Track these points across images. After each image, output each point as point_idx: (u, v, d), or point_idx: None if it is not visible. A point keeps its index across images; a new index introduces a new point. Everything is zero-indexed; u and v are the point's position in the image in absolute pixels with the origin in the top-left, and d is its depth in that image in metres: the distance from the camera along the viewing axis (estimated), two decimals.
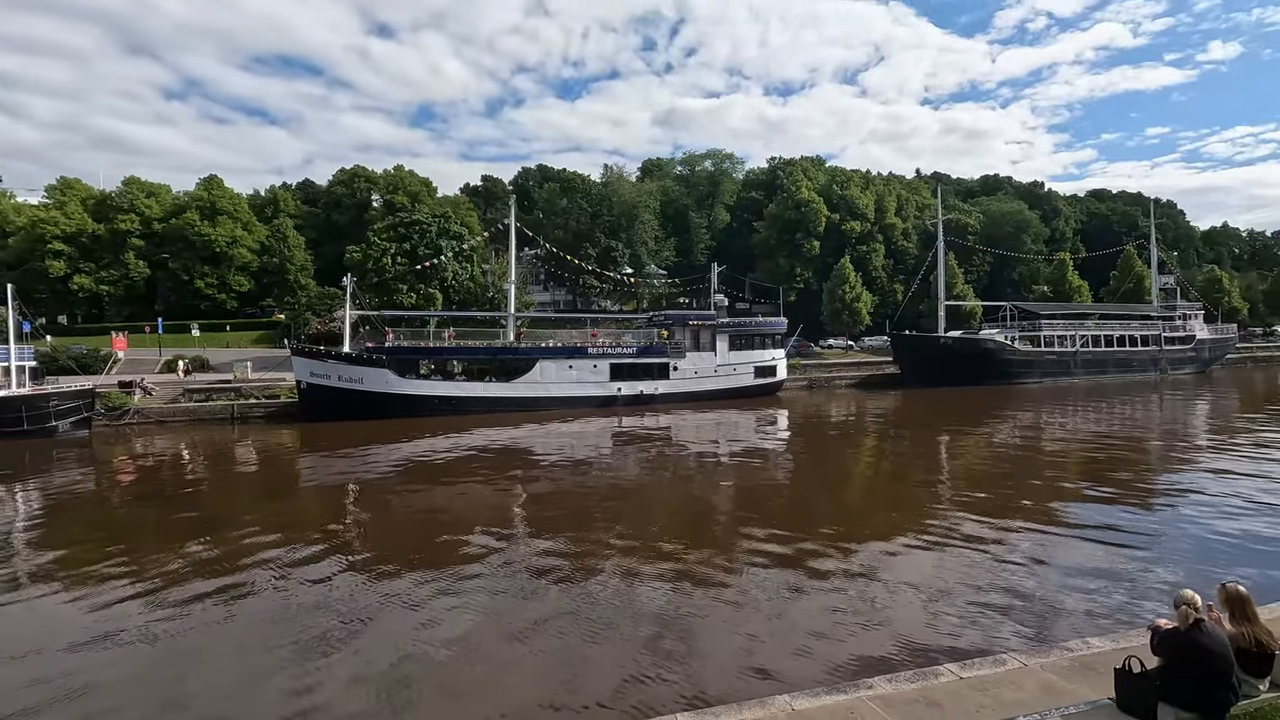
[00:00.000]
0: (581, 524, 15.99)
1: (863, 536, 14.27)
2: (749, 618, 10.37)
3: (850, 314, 66.62)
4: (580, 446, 27.86)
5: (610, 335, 45.65)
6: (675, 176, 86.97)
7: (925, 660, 8.37)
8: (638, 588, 11.64)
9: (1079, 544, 13.59)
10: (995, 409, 38.75)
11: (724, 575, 12.18)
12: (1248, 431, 28.65)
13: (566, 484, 20.96)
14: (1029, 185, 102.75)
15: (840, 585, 11.57)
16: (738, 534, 14.95)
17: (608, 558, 13.22)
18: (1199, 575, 11.25)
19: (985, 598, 10.89)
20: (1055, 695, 6.49)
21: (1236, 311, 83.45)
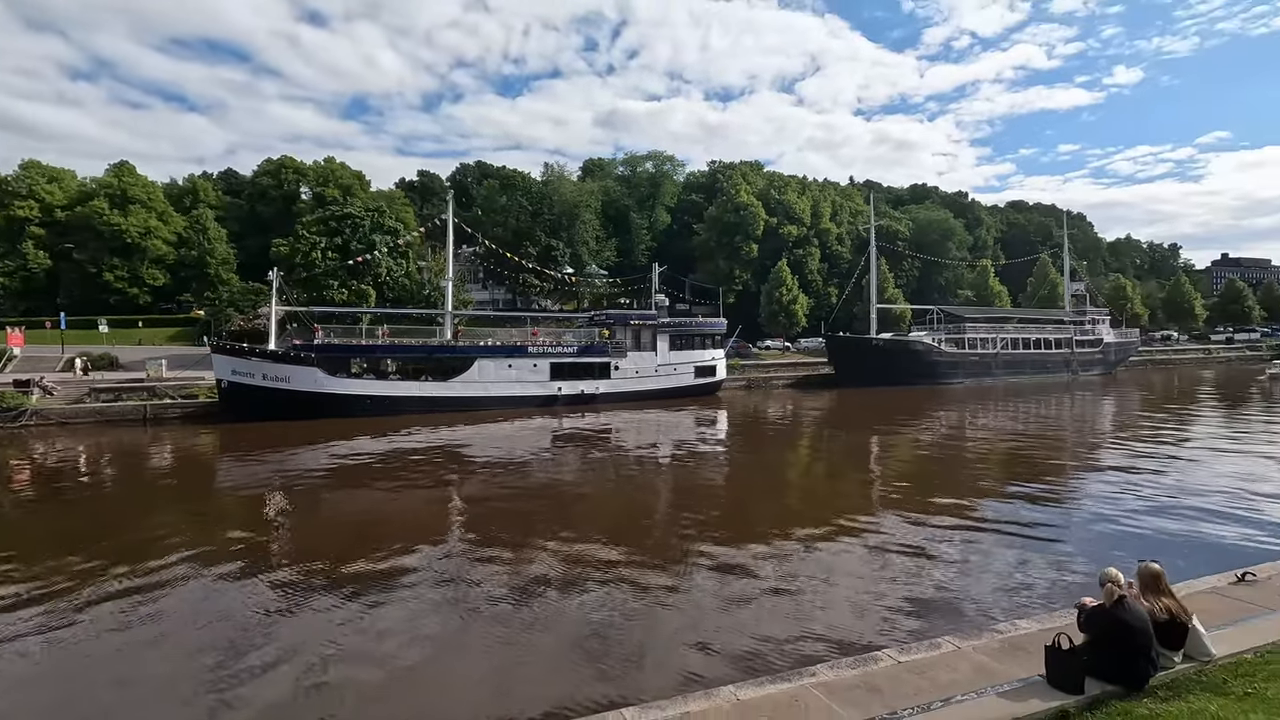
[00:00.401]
0: (520, 526, 15.66)
1: (799, 533, 14.48)
2: (691, 614, 10.35)
3: (787, 316, 68.12)
4: (519, 447, 27.39)
5: (551, 334, 45.20)
6: (616, 177, 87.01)
7: (864, 647, 8.52)
8: (578, 588, 11.45)
9: (1003, 535, 14.18)
10: (923, 408, 40.29)
11: (665, 573, 12.13)
12: (1149, 428, 30.72)
13: (505, 485, 20.53)
14: (954, 195, 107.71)
15: (779, 579, 11.69)
16: (678, 532, 14.95)
17: (546, 559, 12.96)
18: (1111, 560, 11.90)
19: (919, 586, 11.21)
20: (988, 675, 6.68)
21: (1138, 317, 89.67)
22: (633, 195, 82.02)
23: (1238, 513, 15.55)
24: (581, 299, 72.59)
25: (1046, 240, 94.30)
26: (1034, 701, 5.77)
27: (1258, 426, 31.04)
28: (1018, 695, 5.97)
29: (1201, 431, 29.53)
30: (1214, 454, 23.71)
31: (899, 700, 6.30)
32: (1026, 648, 7.28)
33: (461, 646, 9.30)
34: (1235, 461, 22.08)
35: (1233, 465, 21.40)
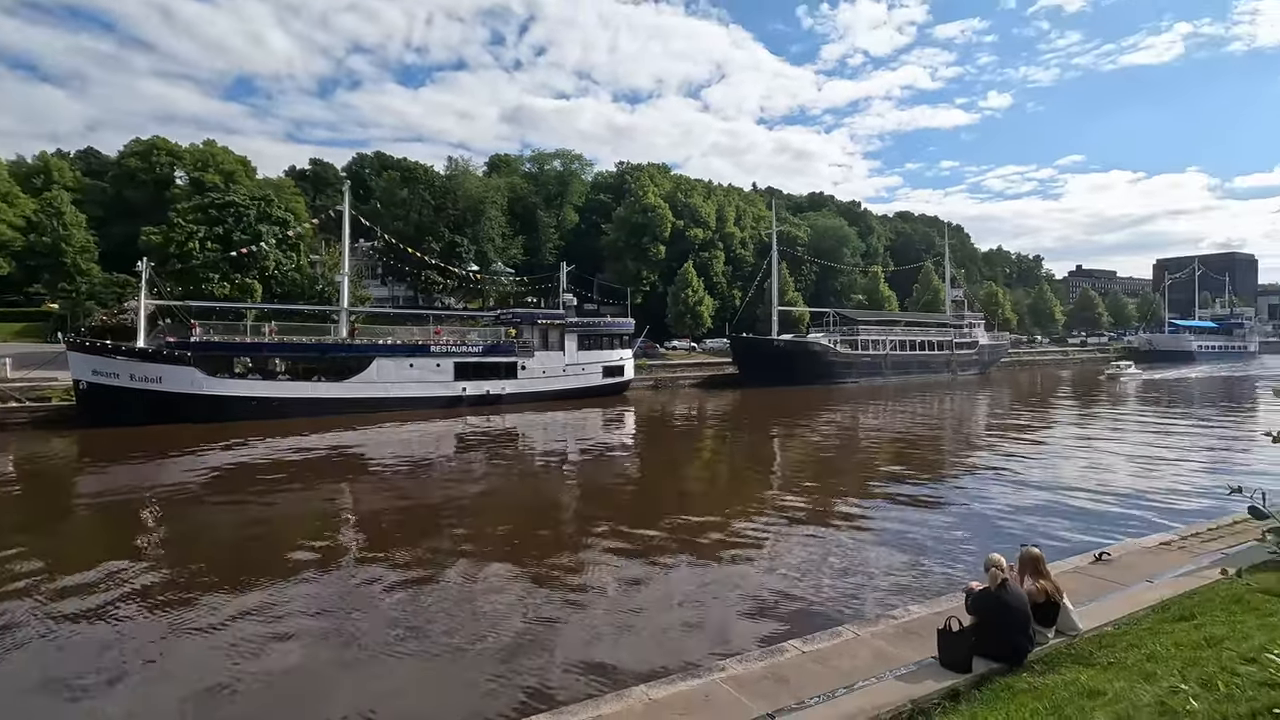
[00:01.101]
0: (422, 531, 15.04)
1: (705, 531, 14.70)
2: (599, 614, 10.27)
3: (693, 317, 69.43)
4: (421, 449, 26.37)
5: (455, 333, 43.82)
6: (524, 174, 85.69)
7: (770, 639, 8.73)
8: (483, 593, 11.12)
9: (895, 526, 15.02)
10: (821, 406, 42.17)
11: (572, 574, 12.00)
12: (1018, 424, 33.59)
13: (405, 489, 19.67)
14: (849, 204, 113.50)
15: (686, 577, 11.83)
16: (585, 532, 14.84)
17: (450, 564, 12.51)
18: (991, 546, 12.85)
19: (820, 577, 11.65)
20: (886, 660, 6.99)
21: (1008, 322, 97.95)
22: (540, 193, 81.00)
23: (1092, 499, 17.24)
24: (487, 297, 70.91)
25: (930, 249, 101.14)
26: (928, 683, 6.09)
27: (1105, 421, 34.63)
28: (913, 677, 6.28)
29: (1060, 426, 32.63)
30: (1071, 446, 26.24)
31: (805, 689, 6.48)
32: (919, 632, 7.69)
33: (355, 664, 8.76)
34: (1088, 453, 24.51)
35: (1086, 456, 23.74)
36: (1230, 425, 32.63)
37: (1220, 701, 3.65)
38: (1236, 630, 5.33)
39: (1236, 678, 3.96)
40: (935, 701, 5.78)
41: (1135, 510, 16.08)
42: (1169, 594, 7.97)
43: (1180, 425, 32.61)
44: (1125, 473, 20.82)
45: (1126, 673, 5.02)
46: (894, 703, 5.82)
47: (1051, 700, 4.84)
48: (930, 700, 5.80)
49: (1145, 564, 9.88)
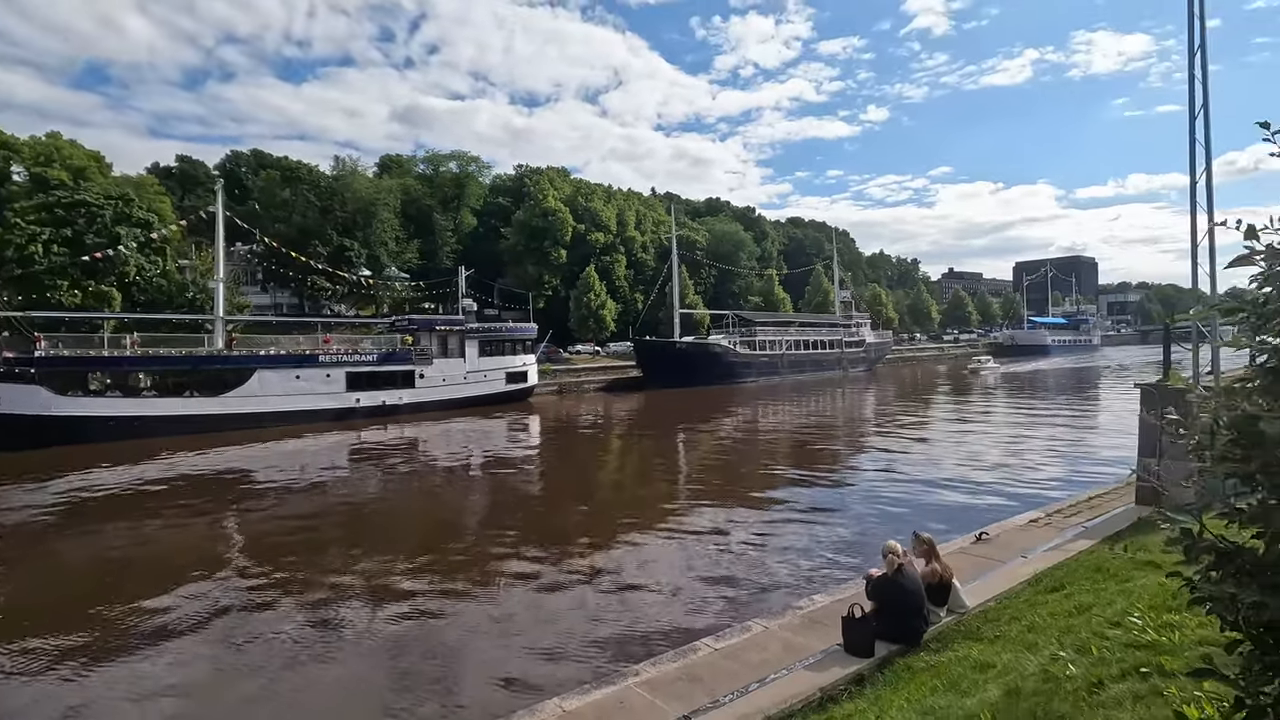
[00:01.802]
0: (314, 553, 14.08)
1: (612, 535, 14.65)
2: (507, 628, 9.97)
3: (596, 321, 69.39)
4: (310, 466, 24.74)
5: (346, 341, 41.52)
6: (417, 175, 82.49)
7: (683, 639, 8.77)
8: (383, 614, 10.53)
9: (796, 519, 15.58)
10: (722, 405, 43.25)
11: (478, 588, 11.60)
12: (902, 416, 35.86)
13: (294, 509, 18.36)
14: (744, 210, 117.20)
15: (595, 584, 11.72)
16: (489, 544, 14.38)
17: (349, 586, 11.77)
18: (885, 533, 13.59)
19: (727, 575, 11.87)
20: (794, 651, 7.17)
21: (891, 321, 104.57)
22: (436, 195, 78.26)
23: (970, 483, 18.64)
24: (381, 304, 67.72)
25: (820, 253, 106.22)
26: (835, 669, 6.30)
27: (977, 411, 37.63)
28: (821, 666, 6.48)
29: (939, 417, 35.14)
30: (948, 435, 28.32)
31: (719, 687, 6.53)
32: (824, 621, 7.95)
33: (257, 698, 8.03)
34: (964, 441, 26.53)
35: (963, 444, 25.68)
36: (1081, 410, 36.37)
37: (1094, 665, 3.96)
38: (1101, 597, 5.85)
39: (1106, 641, 4.33)
40: (842, 688, 5.98)
41: (1008, 491, 17.51)
42: (1041, 567, 8.68)
43: (1041, 412, 36.01)
44: (997, 458, 22.66)
45: (1012, 645, 5.38)
46: (804, 692, 5.97)
47: (948, 676, 5.11)
48: (837, 687, 5.99)
49: (1019, 541, 10.73)
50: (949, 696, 4.56)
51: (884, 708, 4.90)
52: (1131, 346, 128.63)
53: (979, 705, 4.02)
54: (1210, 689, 3.01)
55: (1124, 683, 3.56)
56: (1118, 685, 3.55)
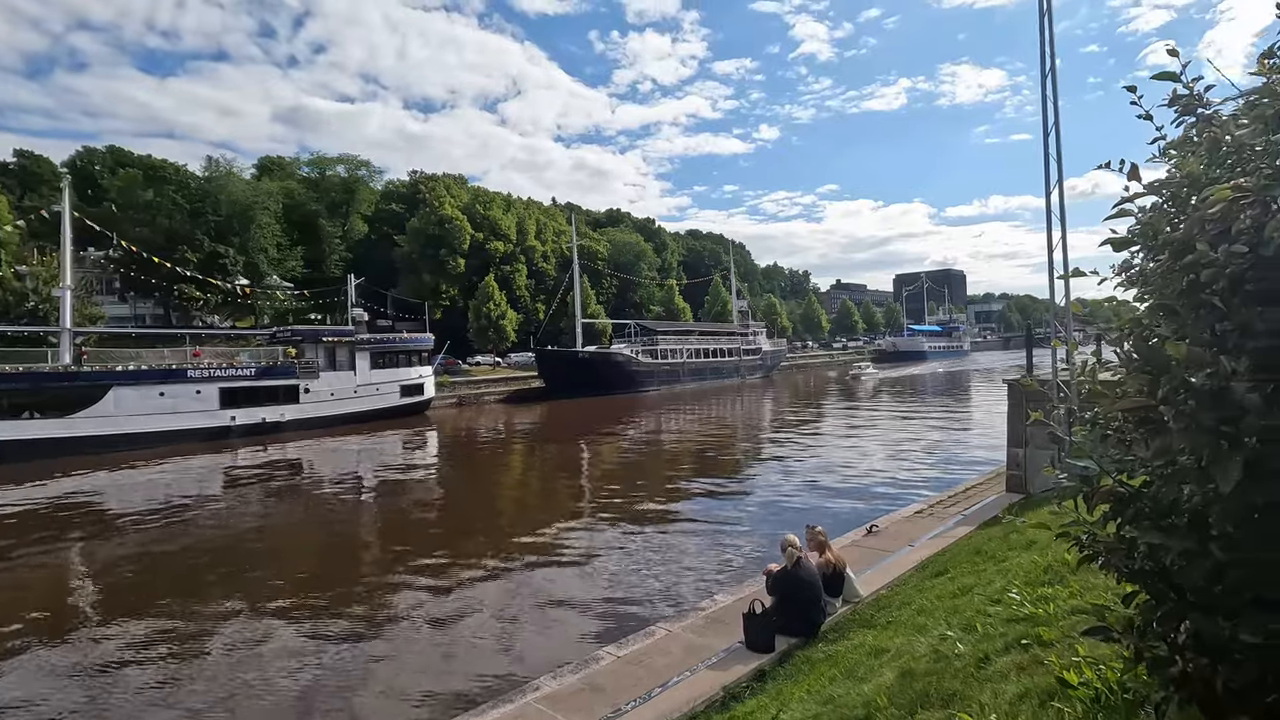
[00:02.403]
0: (186, 589, 12.69)
1: (514, 551, 14.16)
2: (402, 652, 9.36)
3: (496, 331, 67.84)
4: (178, 492, 22.46)
5: (221, 355, 38.25)
6: (301, 179, 77.69)
7: (587, 649, 8.51)
8: (265, 646, 9.62)
9: (697, 522, 15.71)
10: (626, 414, 43.33)
11: (371, 611, 10.86)
12: (796, 421, 37.29)
13: (153, 545, 16.50)
14: (644, 221, 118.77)
15: (496, 599, 11.27)
16: (382, 570, 13.52)
17: (223, 620, 10.69)
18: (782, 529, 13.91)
19: (631, 582, 11.73)
20: (697, 652, 7.10)
21: (785, 330, 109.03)
22: (322, 200, 73.88)
23: (860, 480, 19.54)
24: (261, 314, 63.09)
25: (718, 264, 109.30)
26: (737, 667, 6.26)
27: (864, 412, 39.76)
28: (723, 664, 6.43)
29: (830, 419, 36.85)
30: (839, 437, 29.72)
31: (622, 695, 6.34)
32: (726, 620, 7.95)
33: None
34: (853, 442, 27.91)
35: (852, 445, 27.00)
36: (956, 410, 39.24)
37: (980, 641, 4.09)
38: (981, 578, 6.14)
39: (989, 618, 4.50)
40: (745, 685, 5.94)
41: (894, 486, 18.49)
42: (927, 554, 9.10)
43: (921, 413, 38.52)
44: (884, 455, 23.94)
45: (903, 629, 5.53)
46: (707, 693, 5.88)
47: (845, 664, 5.17)
48: (740, 684, 5.95)
49: (906, 531, 11.26)
50: (847, 684, 4.59)
51: (785, 701, 4.88)
52: (996, 351, 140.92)
53: (875, 690, 4.05)
54: (1085, 653, 3.13)
55: (1008, 655, 3.67)
56: (1002, 658, 3.66)
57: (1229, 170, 1.27)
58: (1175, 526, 1.19)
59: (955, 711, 3.22)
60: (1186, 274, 1.20)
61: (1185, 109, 1.54)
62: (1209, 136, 1.33)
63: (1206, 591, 1.18)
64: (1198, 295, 1.17)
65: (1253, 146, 1.22)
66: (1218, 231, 1.15)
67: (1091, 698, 2.62)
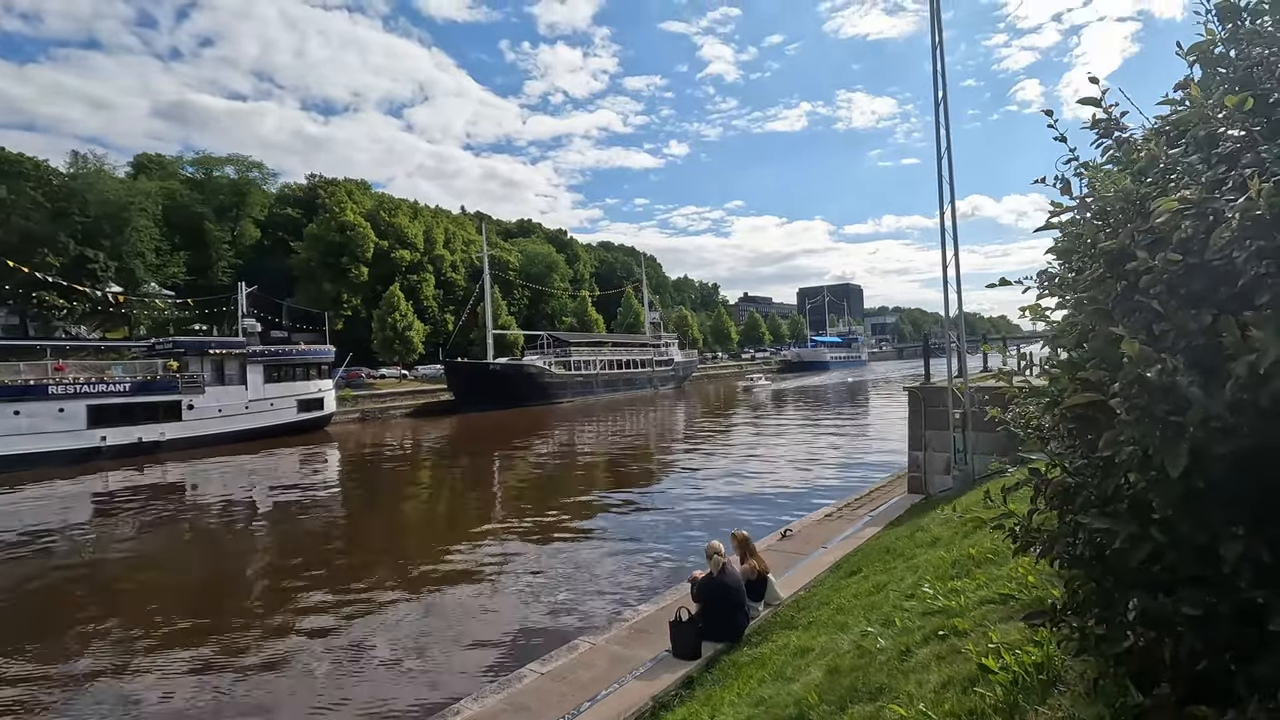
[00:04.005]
0: (46, 631, 11.36)
1: (420, 573, 13.58)
2: (303, 685, 8.77)
3: (403, 342, 65.34)
4: (31, 524, 20.08)
5: (89, 369, 34.78)
6: (185, 179, 72.17)
7: (507, 669, 8.28)
8: (147, 688, 8.73)
9: (615, 533, 15.68)
10: (539, 426, 42.75)
11: (264, 651, 10.07)
12: (709, 429, 38.08)
13: (15, 579, 14.76)
14: (556, 232, 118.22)
15: (407, 623, 10.79)
16: (276, 600, 12.50)
17: (93, 663, 9.63)
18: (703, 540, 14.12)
19: (550, 597, 11.52)
20: (623, 664, 7.05)
21: (696, 341, 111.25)
22: (209, 203, 68.82)
23: (770, 487, 20.15)
24: (136, 325, 57.90)
25: (630, 276, 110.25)
26: (665, 676, 6.26)
27: (770, 423, 41.15)
28: (651, 674, 6.41)
29: (738, 429, 37.90)
30: (748, 446, 30.62)
31: (547, 712, 6.20)
32: (650, 629, 7.95)
33: None
34: (762, 450, 28.84)
35: (761, 453, 27.86)
36: (857, 417, 41.29)
37: (900, 635, 4.28)
38: (894, 575, 6.45)
39: (906, 613, 4.72)
40: (674, 693, 5.94)
41: (804, 491, 19.18)
42: (839, 555, 9.47)
43: (825, 421, 40.25)
44: (791, 462, 24.81)
45: (825, 628, 5.71)
46: (636, 704, 5.84)
47: (772, 666, 5.27)
48: (669, 693, 5.95)
49: (819, 533, 11.68)
50: (776, 685, 4.68)
51: (716, 706, 4.92)
52: (891, 361, 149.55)
53: (804, 688, 4.15)
54: (999, 640, 3.34)
55: (927, 647, 3.86)
56: (922, 650, 3.84)
57: (1153, 186, 1.42)
58: (1119, 513, 1.30)
59: (885, 704, 3.35)
60: (1121, 280, 1.33)
61: (1104, 132, 1.72)
62: (1147, 154, 1.47)
63: (1146, 572, 1.29)
64: (1133, 299, 1.29)
65: (1188, 163, 1.36)
66: (1151, 241, 1.29)
67: (1010, 681, 2.79)
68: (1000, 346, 3.74)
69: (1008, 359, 2.43)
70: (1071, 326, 1.52)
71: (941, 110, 11.26)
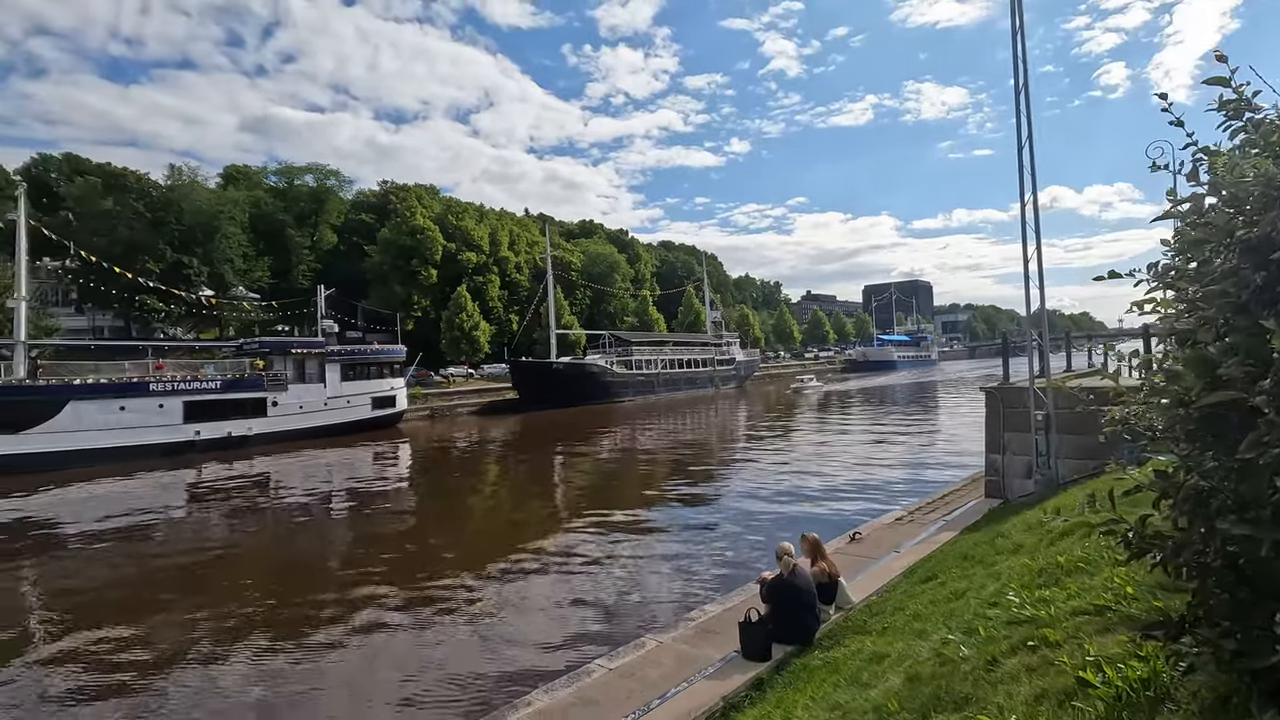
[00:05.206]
0: (144, 609, 12.23)
1: (489, 565, 13.92)
2: (381, 670, 9.13)
3: (469, 342, 67.21)
4: (138, 509, 21.69)
5: (184, 367, 37.24)
6: (268, 188, 76.28)
7: (575, 664, 8.39)
8: (231, 672, 9.29)
9: (675, 536, 15.68)
10: (600, 425, 43.17)
11: (343, 633, 10.54)
12: (769, 431, 37.55)
13: (115, 561, 15.92)
14: (617, 232, 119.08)
15: (475, 613, 11.09)
16: (354, 586, 13.08)
17: (182, 646, 10.30)
18: (767, 541, 13.97)
19: (615, 595, 11.61)
20: (691, 662, 7.04)
21: (758, 340, 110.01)
22: (291, 210, 72.59)
23: (837, 489, 19.71)
24: (226, 326, 61.64)
25: (690, 276, 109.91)
26: (735, 677, 6.21)
27: (836, 423, 40.23)
28: (721, 674, 6.38)
29: (803, 429, 37.21)
30: (813, 446, 30.01)
31: (616, 708, 6.25)
32: (717, 629, 7.91)
33: None
34: (828, 450, 28.20)
35: (827, 454, 27.25)
36: (927, 418, 39.90)
37: (984, 643, 4.11)
38: (973, 582, 6.21)
39: (989, 621, 4.53)
40: (744, 694, 5.90)
41: (872, 494, 18.67)
42: (912, 560, 9.19)
43: (892, 422, 39.06)
44: (859, 463, 24.19)
45: (901, 634, 5.55)
46: (706, 703, 5.82)
47: (847, 671, 5.16)
48: (739, 694, 5.91)
49: (889, 537, 11.36)
50: (852, 690, 4.58)
51: (789, 709, 4.85)
52: (962, 360, 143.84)
53: (883, 695, 4.04)
54: (1098, 652, 3.17)
55: (1015, 657, 3.69)
56: (1010, 660, 3.68)
57: None
58: (1262, 519, 1.22)
59: (971, 714, 3.23)
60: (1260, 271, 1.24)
61: (1234, 113, 1.60)
62: None
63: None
64: (1275, 290, 1.20)
65: None
66: None
67: (1113, 696, 2.64)
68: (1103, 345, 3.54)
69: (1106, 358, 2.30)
70: (1200, 323, 1.42)
71: (1022, 97, 10.75)
